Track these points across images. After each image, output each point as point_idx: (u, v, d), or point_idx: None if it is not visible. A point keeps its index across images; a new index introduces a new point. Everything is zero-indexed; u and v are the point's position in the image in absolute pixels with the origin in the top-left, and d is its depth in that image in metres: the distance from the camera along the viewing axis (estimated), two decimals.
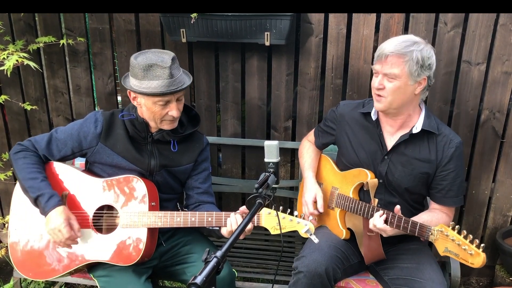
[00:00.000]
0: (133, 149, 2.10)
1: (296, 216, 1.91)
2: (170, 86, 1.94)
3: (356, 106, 2.24)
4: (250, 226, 1.81)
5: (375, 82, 1.99)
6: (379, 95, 2.00)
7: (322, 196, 2.20)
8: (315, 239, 1.84)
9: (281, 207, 1.95)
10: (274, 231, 1.94)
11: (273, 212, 1.91)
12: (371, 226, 1.96)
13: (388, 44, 1.97)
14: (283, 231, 1.90)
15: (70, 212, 2.00)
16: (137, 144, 2.12)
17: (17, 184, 2.14)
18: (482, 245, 1.67)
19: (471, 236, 1.70)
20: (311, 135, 2.49)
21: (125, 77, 2.07)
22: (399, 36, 2.03)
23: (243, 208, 1.96)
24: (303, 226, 1.88)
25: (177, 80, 1.96)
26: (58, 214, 1.96)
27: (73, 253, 2.06)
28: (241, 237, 1.41)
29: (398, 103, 2.00)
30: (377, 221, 1.92)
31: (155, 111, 1.99)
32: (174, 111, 1.99)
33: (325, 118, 2.38)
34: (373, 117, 2.14)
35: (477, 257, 1.66)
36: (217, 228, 2.03)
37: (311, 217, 1.90)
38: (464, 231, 1.73)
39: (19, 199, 2.14)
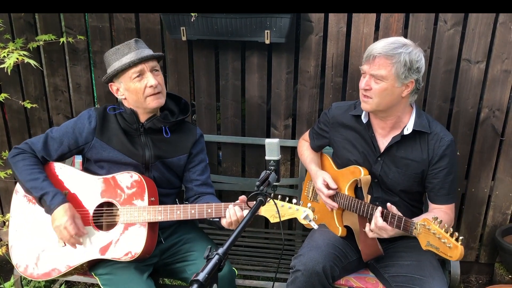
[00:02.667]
0: (128, 142, 2.13)
1: (295, 203, 1.91)
2: (138, 54, 2.04)
3: (348, 108, 2.24)
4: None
5: (362, 82, 2.00)
6: (366, 96, 2.00)
7: (329, 175, 2.21)
8: (314, 225, 1.84)
9: (279, 196, 1.95)
10: (273, 219, 1.94)
11: (272, 201, 1.90)
12: (372, 226, 1.95)
13: (377, 45, 1.96)
14: (282, 219, 1.89)
15: (75, 210, 2.01)
16: (131, 137, 2.15)
17: (17, 184, 2.14)
18: (461, 238, 1.65)
19: (451, 230, 1.68)
20: (306, 136, 2.50)
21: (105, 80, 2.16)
22: (389, 37, 2.02)
23: (242, 198, 1.98)
24: (301, 212, 1.88)
25: (145, 51, 2.07)
26: (63, 212, 1.97)
27: (74, 252, 2.06)
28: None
29: (385, 104, 2.00)
30: (378, 219, 1.92)
31: (136, 88, 2.05)
32: (151, 79, 2.04)
33: (318, 120, 2.38)
34: (364, 120, 2.14)
35: (454, 250, 1.64)
36: (218, 219, 2.05)
37: (309, 204, 1.90)
38: (446, 224, 1.72)
39: (18, 199, 2.14)
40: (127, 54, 2.04)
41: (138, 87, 2.05)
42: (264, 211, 1.95)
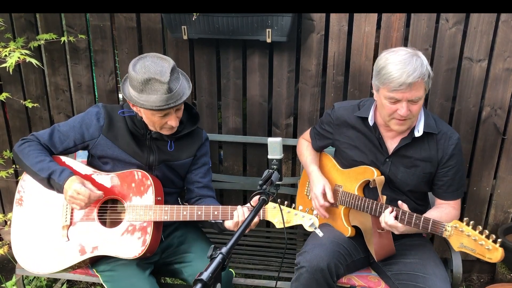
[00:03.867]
0: (133, 143, 2.12)
1: (301, 210, 1.92)
2: (168, 100, 1.91)
3: (352, 108, 2.21)
4: (256, 219, 1.82)
5: (402, 110, 1.91)
6: (404, 120, 1.96)
7: (330, 187, 2.20)
8: (319, 233, 1.85)
9: (285, 202, 1.96)
10: (279, 224, 1.94)
11: (279, 206, 1.91)
12: (382, 224, 1.95)
13: (402, 69, 1.86)
14: (288, 225, 1.91)
15: (84, 179, 2.02)
16: (137, 139, 2.14)
17: (22, 177, 2.15)
18: (499, 240, 1.67)
19: (487, 232, 1.70)
20: (307, 135, 2.48)
21: (124, 83, 2.05)
22: (398, 53, 1.91)
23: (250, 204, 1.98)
24: (308, 220, 1.90)
25: (175, 93, 1.93)
26: (73, 181, 1.97)
27: (78, 247, 2.06)
28: (246, 230, 1.41)
29: (417, 117, 2.03)
30: (388, 218, 1.92)
31: (154, 121, 2.01)
32: (172, 121, 2.00)
33: (321, 121, 2.36)
34: (371, 123, 2.13)
35: (495, 252, 1.66)
36: (221, 221, 2.05)
37: (315, 211, 1.90)
38: (480, 226, 1.72)
39: (22, 192, 2.15)
40: (157, 93, 1.89)
41: (157, 121, 2.00)
42: (270, 216, 1.96)
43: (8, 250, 2.99)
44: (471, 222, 1.74)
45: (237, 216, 1.96)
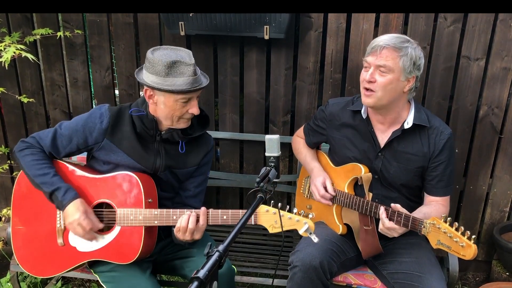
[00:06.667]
0: (140, 147, 2.06)
1: (295, 213, 1.82)
2: (194, 83, 1.91)
3: (346, 104, 2.23)
4: (202, 222, 1.95)
5: (366, 74, 1.98)
6: (369, 89, 1.99)
7: (330, 181, 2.21)
8: (314, 239, 1.75)
9: (279, 204, 1.87)
10: (272, 229, 1.85)
11: (271, 209, 1.83)
12: (381, 227, 1.95)
13: (383, 37, 1.98)
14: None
15: (87, 206, 1.98)
16: (144, 142, 2.08)
17: (18, 179, 2.10)
18: (473, 236, 1.67)
19: (462, 228, 1.70)
20: (301, 132, 2.48)
21: (139, 72, 2.01)
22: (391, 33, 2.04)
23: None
24: (302, 224, 1.78)
25: (199, 78, 1.95)
26: (76, 207, 1.94)
27: (74, 252, 2.04)
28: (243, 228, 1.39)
29: (388, 99, 1.99)
30: (385, 220, 1.92)
31: (175, 109, 1.96)
32: (194, 108, 1.97)
33: (315, 117, 2.37)
34: (363, 115, 2.13)
35: (468, 249, 1.66)
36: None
37: (310, 215, 1.85)
38: (456, 223, 1.73)
39: (20, 195, 2.10)
40: (183, 75, 1.89)
41: (178, 109, 1.96)
42: (263, 220, 1.86)
43: (2, 246, 2.98)
44: (449, 219, 1.74)
45: (179, 222, 1.94)
